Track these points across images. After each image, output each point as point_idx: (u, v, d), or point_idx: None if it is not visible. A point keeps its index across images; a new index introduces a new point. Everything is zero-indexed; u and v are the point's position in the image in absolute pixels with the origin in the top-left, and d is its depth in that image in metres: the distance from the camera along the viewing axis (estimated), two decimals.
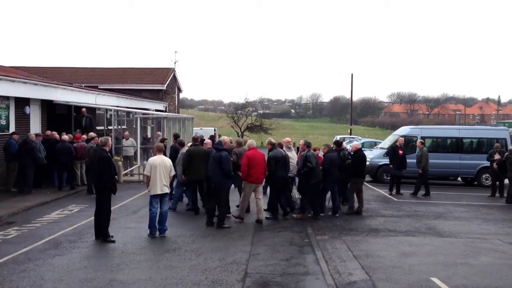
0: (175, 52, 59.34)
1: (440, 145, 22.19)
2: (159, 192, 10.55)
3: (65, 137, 17.11)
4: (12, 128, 17.08)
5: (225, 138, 12.49)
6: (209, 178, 12.29)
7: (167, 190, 10.75)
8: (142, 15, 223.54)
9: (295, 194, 14.59)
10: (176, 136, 16.38)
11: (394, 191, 17.95)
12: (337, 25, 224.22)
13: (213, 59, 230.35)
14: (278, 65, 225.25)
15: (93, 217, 10.58)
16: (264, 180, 12.86)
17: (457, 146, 21.71)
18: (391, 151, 18.59)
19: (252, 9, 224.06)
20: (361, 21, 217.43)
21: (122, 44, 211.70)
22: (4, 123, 16.78)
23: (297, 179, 14.10)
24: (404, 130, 23.41)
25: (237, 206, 13.16)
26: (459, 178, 22.90)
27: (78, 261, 8.84)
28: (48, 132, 18.17)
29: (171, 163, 10.99)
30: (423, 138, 21.51)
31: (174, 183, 13.81)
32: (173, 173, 11.10)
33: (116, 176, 11.17)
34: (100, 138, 11.58)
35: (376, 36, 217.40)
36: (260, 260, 8.99)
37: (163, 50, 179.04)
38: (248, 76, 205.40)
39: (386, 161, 21.35)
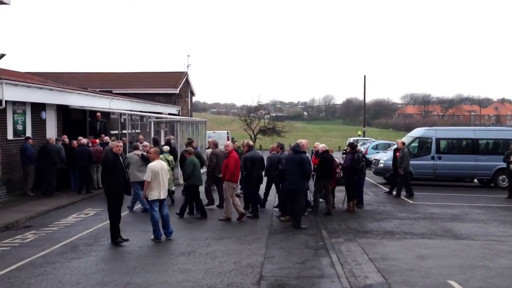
0: (188, 56, 59.88)
1: (456, 147, 21.99)
2: (161, 197, 10.60)
3: (84, 141, 17.31)
4: (28, 133, 17.31)
5: (302, 141, 12.68)
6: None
7: (166, 195, 10.86)
8: (155, 20, 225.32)
9: (309, 196, 14.61)
10: (155, 140, 16.73)
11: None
12: (350, 27, 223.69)
13: (226, 62, 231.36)
14: (290, 67, 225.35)
15: (108, 221, 10.67)
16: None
17: (472, 147, 21.50)
18: (392, 154, 18.65)
19: (264, 12, 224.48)
20: (373, 22, 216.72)
21: (135, 49, 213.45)
22: (21, 128, 17.02)
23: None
24: (418, 131, 23.26)
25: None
26: (475, 180, 22.68)
27: (94, 264, 8.92)
28: (64, 137, 18.36)
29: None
30: (438, 139, 21.46)
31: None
32: (168, 176, 11.25)
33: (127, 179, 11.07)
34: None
35: (389, 37, 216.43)
36: (275, 263, 8.99)
37: (176, 54, 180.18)
38: (261, 79, 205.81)
39: None
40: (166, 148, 14.97)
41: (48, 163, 16.10)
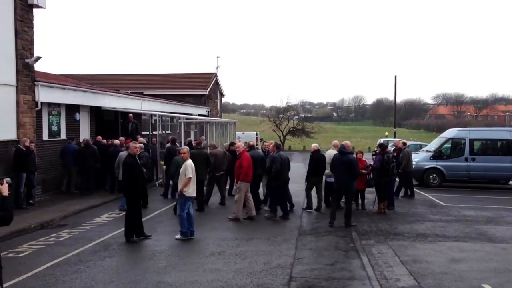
0: (217, 57, 60.16)
1: (490, 148, 21.46)
2: (194, 194, 10.97)
3: (117, 141, 17.66)
4: (63, 134, 17.78)
5: (347, 142, 13.07)
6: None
7: None
8: (185, 22, 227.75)
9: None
10: (173, 140, 17.33)
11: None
12: (380, 26, 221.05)
13: (255, 63, 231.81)
14: (319, 67, 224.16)
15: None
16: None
17: (508, 148, 20.90)
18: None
19: (293, 12, 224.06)
20: (405, 21, 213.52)
21: (166, 51, 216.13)
22: (56, 129, 17.48)
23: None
24: (451, 132, 22.78)
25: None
26: (511, 182, 22.06)
27: (126, 262, 9.09)
28: (99, 138, 18.74)
29: None
30: (471, 140, 20.98)
31: None
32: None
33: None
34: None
35: (421, 36, 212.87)
36: (304, 264, 8.96)
37: (205, 56, 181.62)
38: (290, 80, 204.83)
39: (432, 164, 20.93)
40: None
41: (89, 163, 16.75)
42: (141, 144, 15.45)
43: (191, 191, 10.78)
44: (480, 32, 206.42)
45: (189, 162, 10.90)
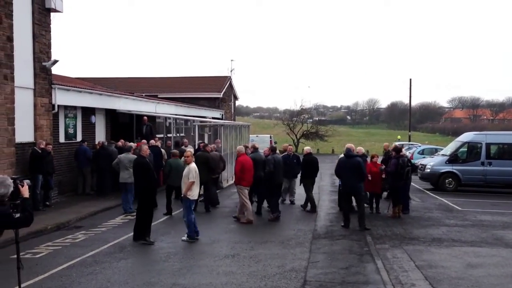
0: (231, 60, 59.86)
1: (507, 152, 21.16)
2: (197, 197, 11.17)
3: (131, 144, 17.78)
4: (79, 136, 17.97)
5: (352, 145, 13.14)
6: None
7: None
8: (199, 26, 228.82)
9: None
10: (177, 143, 17.69)
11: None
12: (395, 29, 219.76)
13: (268, 66, 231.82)
14: (333, 70, 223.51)
15: (154, 222, 10.99)
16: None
17: None
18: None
19: (307, 15, 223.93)
20: (420, 23, 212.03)
21: (180, 54, 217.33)
22: (72, 132, 17.68)
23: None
24: (467, 136, 22.53)
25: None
26: None
27: (141, 264, 9.14)
28: (121, 141, 18.86)
29: None
30: (488, 144, 20.75)
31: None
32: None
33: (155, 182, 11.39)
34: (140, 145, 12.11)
35: (436, 39, 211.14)
36: (319, 268, 8.93)
37: (219, 59, 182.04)
38: (303, 83, 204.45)
39: (448, 168, 20.74)
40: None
41: (104, 164, 16.85)
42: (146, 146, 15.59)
43: (194, 194, 10.91)
44: (497, 35, 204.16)
45: (193, 165, 10.99)
